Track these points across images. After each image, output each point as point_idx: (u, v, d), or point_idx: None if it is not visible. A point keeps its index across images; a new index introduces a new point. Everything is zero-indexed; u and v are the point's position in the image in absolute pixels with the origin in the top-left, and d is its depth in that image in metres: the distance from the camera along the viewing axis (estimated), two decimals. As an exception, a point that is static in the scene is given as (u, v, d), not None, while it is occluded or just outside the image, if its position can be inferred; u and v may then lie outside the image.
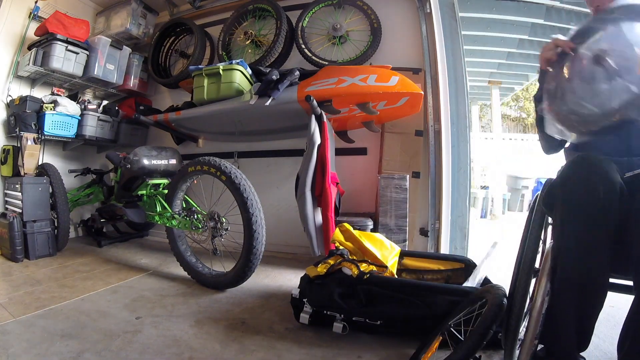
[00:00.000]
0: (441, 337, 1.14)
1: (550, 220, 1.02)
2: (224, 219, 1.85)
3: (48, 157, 2.86)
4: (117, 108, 3.08)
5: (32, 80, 2.83)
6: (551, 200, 0.91)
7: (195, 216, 1.95)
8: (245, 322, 1.46)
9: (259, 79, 2.25)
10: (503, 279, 2.18)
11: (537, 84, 1.18)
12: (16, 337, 1.19)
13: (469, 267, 1.73)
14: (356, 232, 1.55)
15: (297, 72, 2.13)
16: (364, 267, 1.38)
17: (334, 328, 1.29)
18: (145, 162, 2.29)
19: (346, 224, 1.59)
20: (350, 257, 1.41)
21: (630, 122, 0.89)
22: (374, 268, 1.40)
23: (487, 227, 5.50)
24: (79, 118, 2.81)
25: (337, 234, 1.52)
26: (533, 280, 0.99)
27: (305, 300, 1.36)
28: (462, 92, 2.34)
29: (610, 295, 2.12)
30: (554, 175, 0.95)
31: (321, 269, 1.40)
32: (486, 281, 1.47)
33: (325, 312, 1.32)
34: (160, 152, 2.39)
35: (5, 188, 2.53)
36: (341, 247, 1.46)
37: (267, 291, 1.85)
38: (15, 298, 1.60)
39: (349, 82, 1.96)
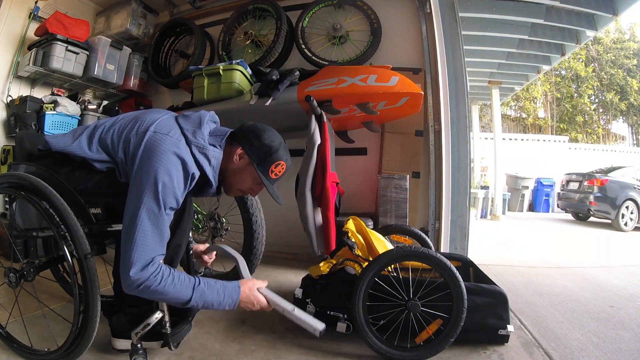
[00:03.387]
0: (441, 320, 1.18)
1: None
2: (224, 219, 1.85)
3: (48, 157, 2.86)
4: (117, 108, 3.08)
5: (32, 81, 2.83)
6: None
7: (196, 216, 1.96)
8: (245, 322, 1.46)
9: (259, 79, 2.25)
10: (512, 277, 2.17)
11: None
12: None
13: (466, 265, 1.74)
14: (367, 229, 1.54)
15: (297, 72, 2.13)
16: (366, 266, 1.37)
17: (338, 327, 1.29)
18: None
19: (358, 218, 1.58)
20: (356, 252, 1.41)
21: None
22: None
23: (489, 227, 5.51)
24: (79, 118, 2.81)
25: (350, 224, 1.51)
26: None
27: (308, 300, 1.36)
28: (462, 92, 2.34)
29: (610, 295, 2.12)
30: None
31: (324, 267, 1.39)
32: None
33: (328, 312, 1.32)
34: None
35: (6, 188, 2.53)
36: (352, 238, 1.45)
37: (267, 291, 1.85)
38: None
39: (349, 82, 1.96)
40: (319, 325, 1.05)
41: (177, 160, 1.00)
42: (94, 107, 2.94)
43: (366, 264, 1.32)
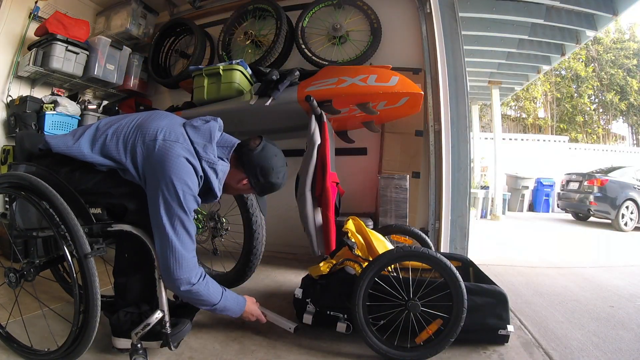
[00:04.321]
0: (441, 320, 1.18)
1: None
2: (224, 219, 1.85)
3: (48, 157, 2.86)
4: (117, 108, 3.08)
5: (32, 81, 2.83)
6: None
7: (196, 216, 1.95)
8: (245, 322, 1.46)
9: (259, 79, 2.25)
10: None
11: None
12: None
13: (466, 265, 1.74)
14: (367, 229, 1.54)
15: (297, 72, 2.13)
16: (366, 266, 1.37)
17: (338, 328, 1.29)
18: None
19: (358, 218, 1.58)
20: (356, 252, 1.41)
21: None
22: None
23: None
24: (79, 118, 2.81)
25: (350, 225, 1.51)
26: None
27: (308, 300, 1.36)
28: (462, 92, 2.34)
29: (610, 295, 2.13)
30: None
31: (324, 267, 1.39)
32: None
33: (328, 312, 1.32)
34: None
35: (6, 188, 2.53)
36: (352, 239, 1.45)
37: (267, 291, 1.85)
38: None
39: (349, 82, 1.96)
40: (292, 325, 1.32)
41: (188, 165, 1.06)
42: (94, 107, 2.94)
43: (366, 264, 1.32)
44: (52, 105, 2.66)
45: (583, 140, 13.01)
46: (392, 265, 1.28)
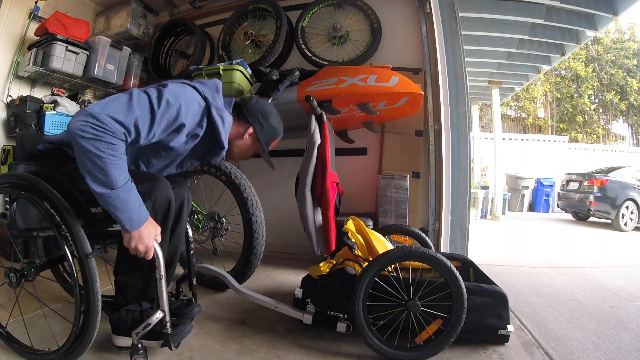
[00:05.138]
0: (441, 320, 1.18)
1: None
2: (224, 219, 1.85)
3: (48, 157, 2.86)
4: (117, 108, 3.08)
5: (32, 81, 2.83)
6: None
7: (196, 216, 1.96)
8: (245, 322, 1.46)
9: (259, 79, 2.25)
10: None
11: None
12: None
13: (466, 265, 1.74)
14: (367, 229, 1.54)
15: (297, 72, 2.13)
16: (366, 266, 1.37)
17: (338, 328, 1.29)
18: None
19: (358, 218, 1.58)
20: (356, 252, 1.41)
21: None
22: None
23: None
24: (79, 118, 2.80)
25: (350, 225, 1.51)
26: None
27: (308, 300, 1.36)
28: (462, 92, 2.35)
29: (610, 295, 2.12)
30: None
31: (324, 267, 1.39)
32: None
33: (328, 312, 1.32)
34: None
35: (6, 188, 2.53)
36: (352, 239, 1.45)
37: (267, 291, 1.85)
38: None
39: (349, 82, 1.96)
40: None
41: (199, 107, 1.09)
42: (94, 107, 2.93)
43: (366, 264, 1.32)
44: (52, 105, 2.66)
45: (583, 140, 13.01)
46: (392, 265, 1.29)
